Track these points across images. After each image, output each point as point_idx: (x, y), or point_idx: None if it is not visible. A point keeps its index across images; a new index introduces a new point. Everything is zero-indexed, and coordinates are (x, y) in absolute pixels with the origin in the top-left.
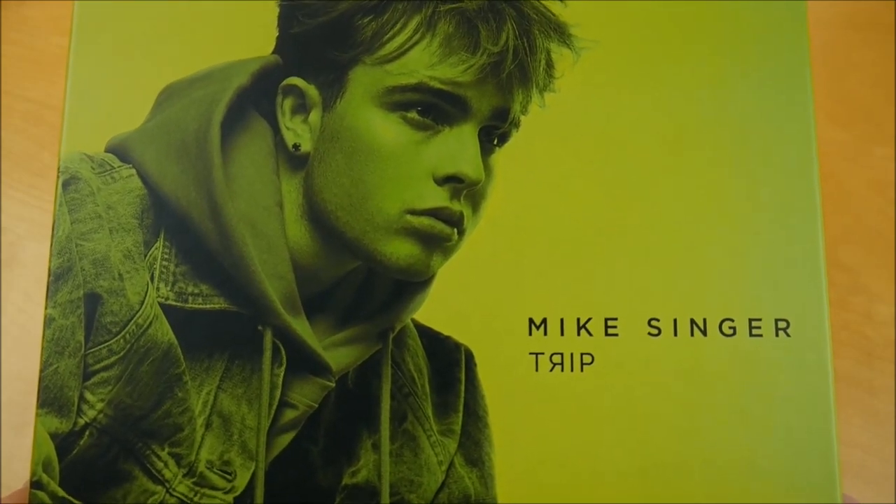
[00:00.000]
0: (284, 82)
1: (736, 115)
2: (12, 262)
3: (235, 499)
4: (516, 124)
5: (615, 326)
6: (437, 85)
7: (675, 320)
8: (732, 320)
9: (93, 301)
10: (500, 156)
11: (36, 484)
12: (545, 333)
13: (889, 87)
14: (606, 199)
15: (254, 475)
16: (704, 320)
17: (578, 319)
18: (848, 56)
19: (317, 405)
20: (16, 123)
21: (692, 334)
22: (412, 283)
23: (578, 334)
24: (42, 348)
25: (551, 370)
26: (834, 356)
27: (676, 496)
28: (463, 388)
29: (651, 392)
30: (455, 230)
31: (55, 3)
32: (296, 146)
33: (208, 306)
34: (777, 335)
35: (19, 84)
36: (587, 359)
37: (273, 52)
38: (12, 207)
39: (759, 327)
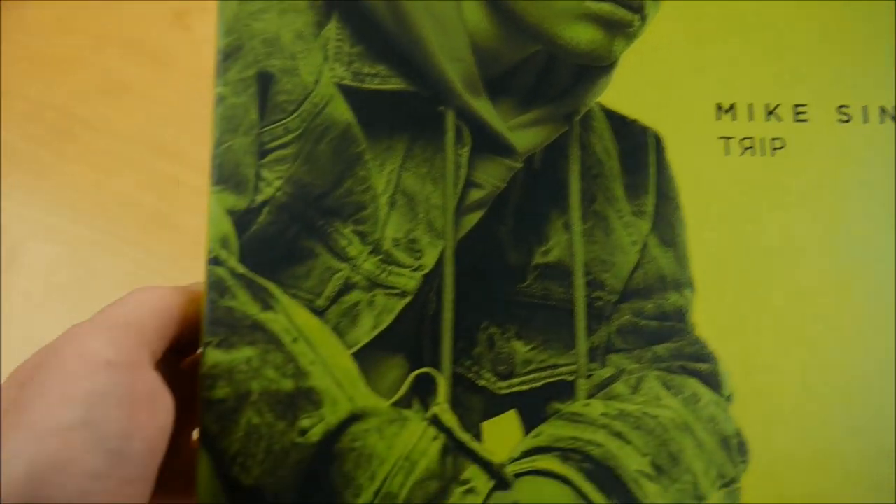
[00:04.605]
0: None
1: None
2: (12, 262)
3: (424, 276)
4: None
5: (804, 112)
6: None
7: (864, 108)
8: None
9: (265, 80)
10: None
11: (214, 260)
12: (734, 118)
13: None
14: None
15: (442, 253)
16: None
17: (767, 105)
18: None
19: (504, 185)
20: (16, 123)
21: (882, 122)
22: (594, 68)
23: (767, 119)
24: (213, 126)
25: (742, 154)
26: None
27: (867, 290)
28: (653, 170)
29: (843, 178)
30: (637, 16)
31: (55, 3)
32: None
33: (386, 87)
34: None
35: (19, 84)
36: (778, 143)
37: None
38: (12, 207)
39: None
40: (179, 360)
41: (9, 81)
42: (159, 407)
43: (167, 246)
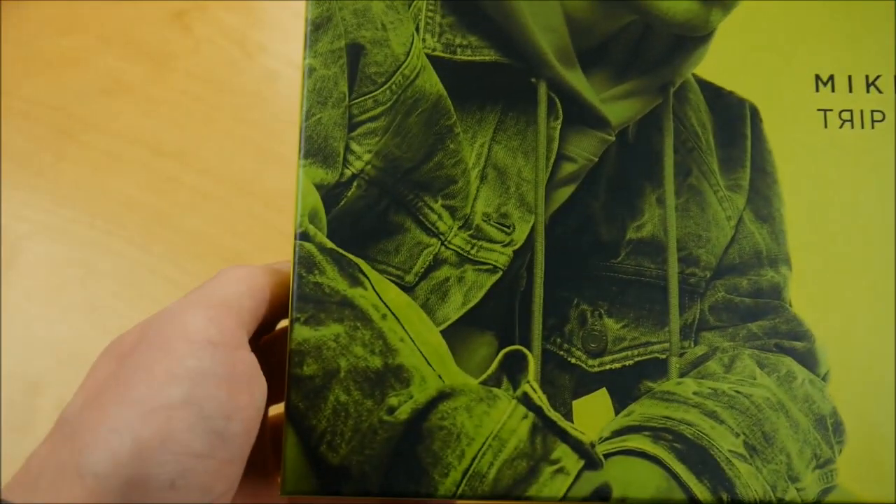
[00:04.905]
0: None
1: None
2: (12, 262)
3: (515, 252)
4: None
5: None
6: None
7: None
8: None
9: (355, 51)
10: None
11: (302, 235)
12: (833, 90)
13: None
14: None
15: (533, 228)
16: None
17: (867, 77)
18: None
19: (596, 159)
20: (16, 123)
21: None
22: (690, 38)
23: (868, 91)
24: (302, 98)
25: (841, 127)
26: None
27: None
28: (749, 143)
29: None
30: None
31: (55, 3)
32: None
33: (478, 58)
34: None
35: (19, 84)
36: (878, 116)
37: None
38: (12, 207)
39: None
40: (258, 338)
41: (9, 81)
42: (256, 388)
43: (167, 246)
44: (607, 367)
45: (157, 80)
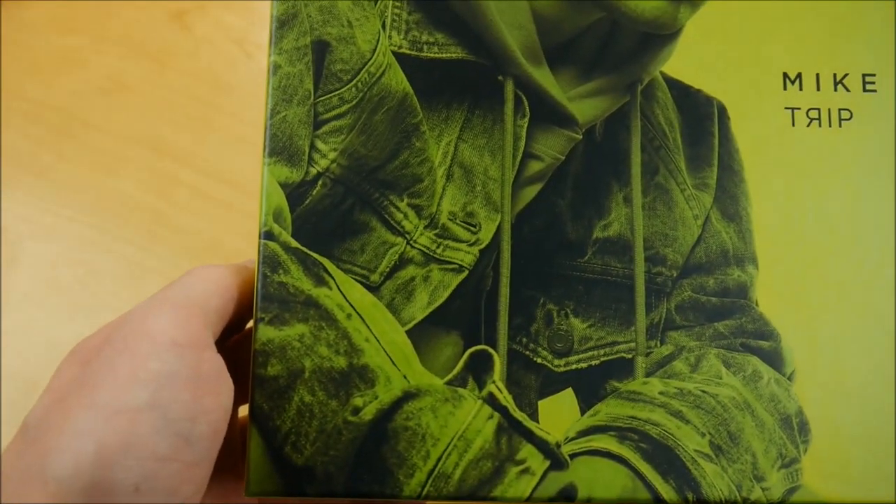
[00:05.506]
0: None
1: None
2: (12, 262)
3: (481, 251)
4: None
5: (873, 83)
6: None
7: None
8: None
9: (321, 48)
10: None
11: (267, 234)
12: (800, 88)
13: None
14: None
15: (499, 227)
16: None
17: (835, 75)
18: None
19: (563, 157)
20: (16, 123)
21: None
22: (658, 36)
23: (835, 90)
24: (268, 96)
25: (808, 125)
26: None
27: None
28: (717, 141)
29: None
30: None
31: (55, 3)
32: None
33: (445, 55)
34: None
35: (19, 84)
36: (845, 114)
37: None
38: (12, 207)
39: None
40: (226, 338)
41: (9, 81)
42: (222, 388)
43: (167, 246)
44: (573, 366)
45: (157, 80)
